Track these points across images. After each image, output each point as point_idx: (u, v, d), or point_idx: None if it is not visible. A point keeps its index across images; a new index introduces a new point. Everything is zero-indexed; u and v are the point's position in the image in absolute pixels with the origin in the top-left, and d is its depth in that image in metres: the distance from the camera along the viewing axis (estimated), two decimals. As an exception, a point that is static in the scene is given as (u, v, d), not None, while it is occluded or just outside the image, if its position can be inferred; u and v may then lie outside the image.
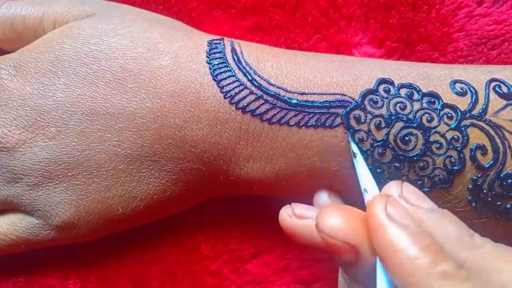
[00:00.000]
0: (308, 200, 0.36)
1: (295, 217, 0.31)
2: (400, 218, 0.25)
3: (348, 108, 0.32)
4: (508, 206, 0.32)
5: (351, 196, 0.34)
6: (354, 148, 0.31)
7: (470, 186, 0.32)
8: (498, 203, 0.32)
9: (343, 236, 0.26)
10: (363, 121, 0.32)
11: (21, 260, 0.38)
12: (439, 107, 0.32)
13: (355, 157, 0.31)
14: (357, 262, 0.26)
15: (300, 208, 0.32)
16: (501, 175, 0.31)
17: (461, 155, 0.31)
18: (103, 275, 0.39)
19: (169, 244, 0.40)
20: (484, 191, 0.31)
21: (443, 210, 0.27)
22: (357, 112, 0.32)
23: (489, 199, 0.32)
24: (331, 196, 0.33)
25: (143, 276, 0.39)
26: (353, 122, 0.32)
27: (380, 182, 0.32)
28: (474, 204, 0.32)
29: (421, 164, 0.31)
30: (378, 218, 0.25)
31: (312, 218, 0.31)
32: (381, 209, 0.25)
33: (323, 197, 0.33)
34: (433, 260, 0.23)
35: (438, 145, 0.31)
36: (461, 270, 0.23)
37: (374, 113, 0.32)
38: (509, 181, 0.31)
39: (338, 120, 0.32)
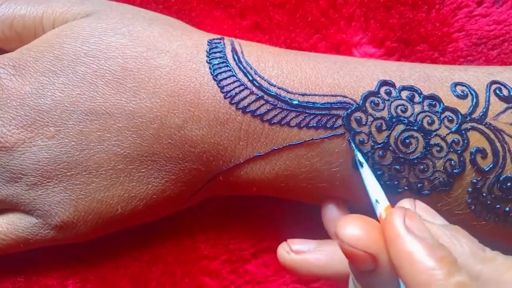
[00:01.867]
0: (307, 200, 0.36)
1: (293, 253, 0.32)
2: (418, 231, 0.25)
3: (349, 110, 0.32)
4: (507, 209, 0.32)
5: (350, 198, 0.34)
6: (361, 157, 0.31)
7: (470, 189, 0.32)
8: (497, 206, 0.32)
9: (364, 246, 0.26)
10: (364, 123, 0.32)
11: (21, 260, 0.38)
12: (440, 110, 0.32)
13: (362, 166, 0.31)
14: (375, 271, 0.27)
15: (296, 244, 0.33)
16: (501, 179, 0.31)
17: (461, 158, 0.31)
18: (103, 275, 0.39)
19: (169, 244, 0.40)
20: (484, 194, 0.32)
21: (455, 226, 0.27)
22: (358, 114, 0.32)
23: (489, 202, 0.32)
24: (339, 207, 0.34)
25: (143, 276, 0.39)
26: (354, 124, 0.32)
27: (380, 184, 0.32)
28: (473, 207, 0.32)
29: (422, 167, 0.32)
30: (397, 229, 0.25)
31: (309, 251, 0.32)
32: (400, 221, 0.25)
33: (332, 209, 0.34)
34: (448, 272, 0.23)
35: (438, 148, 0.31)
36: (474, 281, 0.24)
37: (375, 115, 0.32)
38: (509, 184, 0.31)
39: (339, 122, 0.32)
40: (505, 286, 0.24)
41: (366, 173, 0.31)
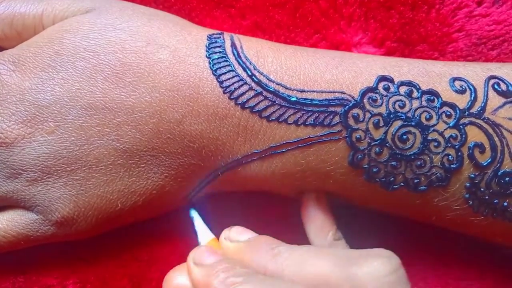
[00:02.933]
0: (300, 197, 0.36)
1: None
2: (200, 259, 0.30)
3: (347, 106, 0.32)
4: (505, 204, 0.32)
5: (342, 195, 0.34)
6: (193, 212, 0.36)
7: (468, 184, 0.32)
8: (495, 201, 0.32)
9: None
10: (361, 120, 0.32)
11: (21, 259, 0.38)
12: (438, 105, 0.32)
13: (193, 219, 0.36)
14: None
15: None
16: (499, 173, 0.31)
17: (459, 153, 0.31)
18: (103, 275, 0.39)
19: (169, 244, 0.40)
20: (482, 189, 0.32)
21: (256, 237, 0.32)
22: (355, 110, 0.32)
23: (486, 197, 0.32)
24: (319, 199, 0.35)
25: (143, 276, 0.39)
26: (351, 121, 0.32)
27: (376, 181, 0.32)
28: (471, 202, 0.32)
29: (419, 163, 0.31)
30: (188, 264, 0.31)
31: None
32: (190, 258, 0.31)
33: (310, 197, 0.35)
34: (221, 278, 0.28)
35: (436, 144, 0.31)
36: (241, 276, 0.28)
37: (373, 111, 0.32)
38: (507, 179, 0.31)
39: (337, 119, 0.32)
40: (283, 274, 0.28)
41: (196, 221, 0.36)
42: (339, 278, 0.27)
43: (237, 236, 0.32)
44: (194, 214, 0.36)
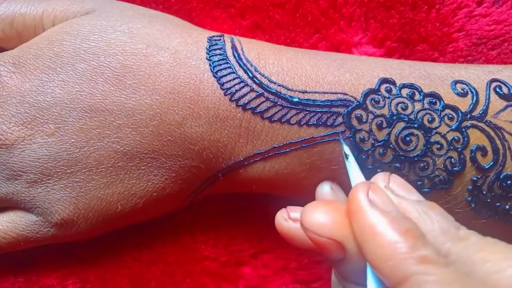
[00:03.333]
0: (306, 198, 0.36)
1: (290, 220, 0.31)
2: (381, 204, 0.25)
3: (350, 107, 0.32)
4: (507, 207, 0.32)
5: (347, 191, 0.34)
6: (346, 149, 0.31)
7: (470, 187, 0.32)
8: (497, 204, 0.32)
9: (328, 233, 0.26)
10: (364, 120, 0.32)
11: (21, 260, 0.38)
12: (440, 108, 0.32)
13: (347, 158, 0.31)
14: (345, 259, 0.26)
15: (295, 211, 0.31)
16: (501, 176, 0.31)
17: (461, 156, 0.31)
18: (103, 275, 0.39)
19: (169, 245, 0.40)
20: (484, 192, 0.32)
21: (430, 202, 0.27)
22: (358, 111, 0.32)
23: (489, 200, 0.32)
24: (333, 188, 0.33)
25: (143, 276, 0.39)
26: (354, 122, 0.32)
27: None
28: (473, 205, 0.32)
29: (422, 165, 0.32)
30: (359, 202, 0.25)
31: None
32: (363, 194, 0.25)
33: (325, 189, 0.33)
34: (412, 245, 0.23)
35: (438, 146, 0.31)
36: (441, 256, 0.23)
37: (375, 113, 0.32)
38: (509, 182, 0.31)
39: (340, 119, 0.32)
40: (473, 267, 0.23)
41: (352, 165, 0.31)
42: None
43: (403, 192, 0.27)
44: (349, 153, 0.31)
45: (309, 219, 0.26)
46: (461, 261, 0.24)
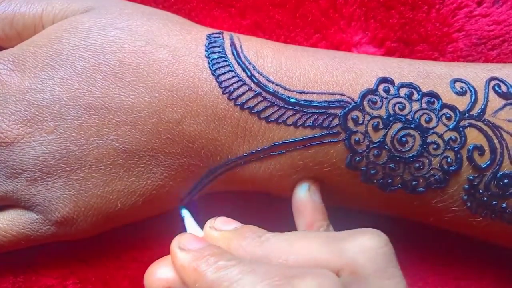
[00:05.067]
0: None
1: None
2: (186, 245, 0.29)
3: (346, 109, 0.32)
4: (504, 205, 0.32)
5: (338, 197, 0.34)
6: (184, 212, 0.35)
7: (466, 186, 0.32)
8: (494, 202, 0.32)
9: (164, 284, 0.30)
10: (360, 122, 0.32)
11: (20, 260, 0.38)
12: (438, 108, 0.32)
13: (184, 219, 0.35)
14: None
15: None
16: (498, 175, 0.31)
17: (458, 155, 0.31)
18: (103, 276, 0.38)
19: (169, 245, 0.40)
20: (480, 191, 0.32)
21: (242, 226, 0.31)
22: (355, 113, 0.32)
23: (485, 198, 0.32)
24: (310, 190, 0.34)
25: (143, 276, 0.39)
26: (350, 124, 0.32)
27: (373, 183, 0.32)
28: (469, 204, 0.32)
29: (417, 165, 0.32)
30: (172, 250, 0.30)
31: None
32: (175, 243, 0.30)
33: (302, 189, 0.34)
34: (211, 262, 0.27)
35: (435, 146, 0.31)
36: (232, 260, 0.27)
37: (372, 114, 0.32)
38: (506, 181, 0.31)
39: (336, 121, 0.32)
40: (271, 260, 0.28)
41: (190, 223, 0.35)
42: (328, 255, 0.27)
43: (223, 225, 0.31)
44: (185, 213, 0.35)
45: (149, 280, 0.31)
46: (263, 258, 0.28)
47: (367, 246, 0.27)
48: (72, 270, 0.38)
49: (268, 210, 0.40)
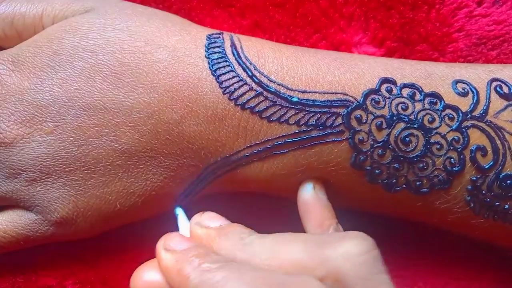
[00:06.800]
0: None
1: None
2: (174, 246, 0.29)
3: (350, 108, 0.32)
4: (506, 206, 0.32)
5: (343, 196, 0.34)
6: (178, 211, 0.35)
7: (469, 187, 0.32)
8: (497, 203, 0.32)
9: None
10: (364, 121, 0.32)
11: (20, 260, 0.38)
12: (440, 108, 0.32)
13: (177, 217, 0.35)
14: None
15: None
16: (501, 176, 0.31)
17: (461, 156, 0.31)
18: (103, 276, 0.38)
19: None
20: (483, 192, 0.32)
21: (227, 224, 0.31)
22: (358, 112, 0.32)
23: (488, 199, 0.32)
24: (315, 188, 0.33)
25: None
26: (354, 123, 0.32)
27: (378, 183, 0.32)
28: (472, 205, 0.32)
29: (421, 165, 0.31)
30: (157, 251, 0.29)
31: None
32: (160, 244, 0.30)
33: (308, 189, 0.34)
34: (195, 264, 0.27)
35: (438, 146, 0.31)
36: (217, 262, 0.27)
37: (375, 113, 0.32)
38: (508, 182, 0.31)
39: (339, 120, 0.32)
40: (251, 262, 0.28)
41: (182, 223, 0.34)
42: (312, 261, 0.27)
43: (208, 221, 0.31)
44: (179, 211, 0.35)
45: (135, 284, 0.30)
46: (246, 261, 0.28)
47: (351, 253, 0.27)
48: (72, 270, 0.38)
49: (268, 210, 0.40)
